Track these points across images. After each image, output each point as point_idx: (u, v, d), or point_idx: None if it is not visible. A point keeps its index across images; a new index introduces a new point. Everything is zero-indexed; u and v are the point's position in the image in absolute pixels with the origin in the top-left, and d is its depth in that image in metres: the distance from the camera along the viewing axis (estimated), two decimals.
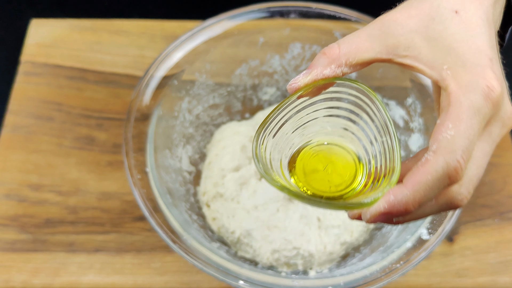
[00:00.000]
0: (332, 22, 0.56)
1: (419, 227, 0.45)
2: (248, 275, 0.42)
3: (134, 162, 0.47)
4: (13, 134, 0.63)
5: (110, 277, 0.54)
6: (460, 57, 0.31)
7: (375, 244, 0.50)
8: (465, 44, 0.31)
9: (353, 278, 0.42)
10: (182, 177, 0.56)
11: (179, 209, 0.49)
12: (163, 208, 0.46)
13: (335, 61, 0.33)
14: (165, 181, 0.50)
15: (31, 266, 0.54)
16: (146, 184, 0.47)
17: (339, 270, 0.46)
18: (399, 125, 0.58)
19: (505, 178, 0.61)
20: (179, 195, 0.53)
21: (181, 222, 0.46)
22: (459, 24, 0.31)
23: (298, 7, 0.55)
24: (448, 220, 0.44)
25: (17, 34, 0.73)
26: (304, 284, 0.42)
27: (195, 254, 0.43)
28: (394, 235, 0.48)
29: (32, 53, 0.69)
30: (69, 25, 0.71)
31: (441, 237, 0.43)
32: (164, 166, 0.52)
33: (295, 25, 0.56)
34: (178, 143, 0.57)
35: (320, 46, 0.59)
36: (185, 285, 0.54)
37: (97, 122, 0.64)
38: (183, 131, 0.57)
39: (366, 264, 0.45)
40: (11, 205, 0.58)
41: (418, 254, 0.43)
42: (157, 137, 0.51)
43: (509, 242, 0.57)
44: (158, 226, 0.44)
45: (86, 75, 0.67)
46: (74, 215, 0.57)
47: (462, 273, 0.55)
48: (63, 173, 0.60)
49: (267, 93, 0.63)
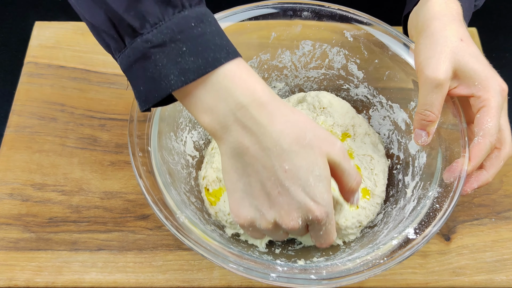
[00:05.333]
0: (343, 23, 0.57)
1: (407, 227, 0.46)
2: (236, 258, 0.43)
3: (138, 141, 0.48)
4: (16, 134, 0.63)
5: (113, 275, 0.55)
6: (481, 74, 0.47)
7: (366, 241, 0.50)
8: (479, 64, 0.47)
9: (336, 270, 0.43)
10: (185, 160, 0.56)
11: (178, 190, 0.50)
12: (161, 187, 0.46)
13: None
14: (167, 162, 0.51)
15: (34, 264, 0.55)
16: (146, 163, 0.47)
17: (326, 262, 0.47)
18: (401, 127, 0.59)
19: (502, 178, 0.62)
20: (180, 177, 0.53)
21: (178, 202, 0.47)
22: (468, 49, 0.47)
23: (311, 6, 0.56)
24: (437, 222, 0.45)
25: (21, 36, 0.74)
26: (288, 271, 0.43)
27: (186, 233, 0.44)
28: (384, 234, 0.49)
29: (35, 55, 0.69)
30: (72, 27, 0.72)
31: (428, 238, 0.44)
32: (168, 147, 0.53)
33: (307, 23, 0.57)
34: (184, 127, 0.57)
35: (330, 45, 0.60)
36: (186, 284, 0.54)
37: (100, 123, 0.65)
38: (190, 116, 0.58)
39: (352, 258, 0.46)
40: (14, 204, 0.59)
41: (402, 252, 0.44)
42: (163, 119, 0.51)
43: (506, 241, 0.58)
44: (153, 203, 0.45)
45: (89, 76, 0.68)
46: (77, 214, 0.58)
47: (459, 272, 0.56)
48: (66, 173, 0.61)
49: (276, 87, 0.64)
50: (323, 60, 0.61)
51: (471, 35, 0.72)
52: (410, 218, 0.47)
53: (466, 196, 0.61)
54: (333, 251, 0.52)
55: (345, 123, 0.59)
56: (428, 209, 0.47)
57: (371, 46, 0.58)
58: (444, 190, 0.47)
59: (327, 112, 0.59)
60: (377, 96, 0.61)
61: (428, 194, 0.48)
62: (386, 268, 0.43)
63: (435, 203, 0.47)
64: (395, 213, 0.52)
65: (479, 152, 0.47)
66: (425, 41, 0.48)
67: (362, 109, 0.63)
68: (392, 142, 0.60)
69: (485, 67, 0.47)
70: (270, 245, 0.54)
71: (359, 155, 0.58)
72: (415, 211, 0.48)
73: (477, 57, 0.48)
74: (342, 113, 0.59)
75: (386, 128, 0.61)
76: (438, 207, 0.46)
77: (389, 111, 0.60)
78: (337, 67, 0.62)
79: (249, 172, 0.39)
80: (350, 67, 0.61)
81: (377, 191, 0.55)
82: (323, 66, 0.62)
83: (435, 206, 0.47)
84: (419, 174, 0.53)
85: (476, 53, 0.48)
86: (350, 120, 0.59)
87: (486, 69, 0.47)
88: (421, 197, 0.49)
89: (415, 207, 0.49)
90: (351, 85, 0.62)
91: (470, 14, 0.55)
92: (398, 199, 0.54)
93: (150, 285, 0.54)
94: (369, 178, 0.56)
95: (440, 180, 0.48)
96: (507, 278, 0.55)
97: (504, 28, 0.96)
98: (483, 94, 0.47)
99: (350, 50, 0.59)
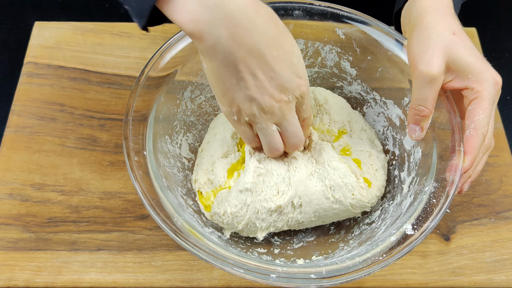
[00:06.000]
0: (335, 21, 0.57)
1: (404, 222, 0.46)
2: (236, 259, 0.43)
3: (133, 145, 0.48)
4: (16, 134, 0.63)
5: (112, 275, 0.55)
6: (475, 67, 0.47)
7: (364, 238, 0.50)
8: (472, 56, 0.47)
9: (336, 268, 0.44)
10: (180, 163, 0.56)
11: (175, 194, 0.50)
12: (157, 191, 0.46)
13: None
14: (163, 165, 0.51)
15: (33, 264, 0.55)
16: (142, 166, 0.48)
17: (325, 260, 0.47)
18: (395, 123, 0.59)
19: (501, 178, 0.62)
20: (176, 180, 0.53)
21: (175, 205, 0.47)
22: (461, 42, 0.47)
23: (302, 4, 0.56)
24: (434, 216, 0.45)
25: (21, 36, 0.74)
26: (288, 271, 0.43)
27: (184, 236, 0.44)
28: (382, 230, 0.49)
29: (35, 55, 0.69)
30: (71, 27, 0.72)
31: (426, 233, 0.44)
32: (163, 151, 0.53)
33: (298, 22, 0.57)
34: (179, 130, 0.57)
35: (322, 43, 0.60)
36: (186, 284, 0.55)
37: (99, 123, 0.65)
38: (185, 119, 0.58)
39: (351, 256, 0.46)
40: (14, 204, 0.59)
41: (401, 248, 0.44)
42: (158, 123, 0.52)
43: (505, 241, 0.58)
44: (150, 207, 0.45)
45: (89, 76, 0.68)
46: (76, 214, 0.58)
47: (458, 272, 0.56)
48: (65, 173, 0.61)
49: None
50: (315, 58, 0.61)
51: (471, 35, 0.72)
52: (408, 214, 0.48)
53: (466, 196, 0.61)
54: (332, 249, 0.52)
55: (341, 119, 0.59)
56: (425, 204, 0.47)
57: (363, 43, 0.58)
58: (441, 185, 0.47)
59: (323, 109, 0.59)
60: (371, 93, 0.61)
61: (424, 189, 0.48)
62: (385, 265, 0.43)
63: (432, 198, 0.47)
64: (392, 209, 0.52)
65: (473, 145, 0.47)
66: (417, 36, 0.48)
67: (356, 106, 0.63)
68: (387, 138, 0.60)
69: (478, 60, 0.48)
70: (269, 245, 0.54)
71: (357, 150, 0.58)
72: (412, 207, 0.48)
73: (470, 50, 0.48)
74: (339, 109, 0.60)
75: (381, 124, 0.61)
76: (435, 202, 0.46)
77: (383, 108, 0.60)
78: (330, 65, 0.62)
79: (241, 68, 0.41)
80: (343, 65, 0.61)
81: (378, 185, 0.55)
82: (316, 65, 0.62)
83: (432, 201, 0.47)
84: (415, 169, 0.53)
85: (469, 46, 0.48)
86: (347, 116, 0.60)
87: (479, 62, 0.47)
88: (418, 192, 0.49)
89: (412, 203, 0.49)
90: (345, 83, 0.62)
91: (459, 6, 0.55)
92: (395, 195, 0.54)
93: (150, 285, 0.54)
94: (369, 173, 0.56)
95: (436, 175, 0.48)
96: (507, 278, 0.55)
97: (504, 28, 0.96)
98: (476, 86, 0.47)
99: (343, 47, 0.59)
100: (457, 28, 0.48)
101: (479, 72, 0.47)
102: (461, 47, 0.47)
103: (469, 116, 0.47)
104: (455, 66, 0.47)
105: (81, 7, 0.80)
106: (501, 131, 0.66)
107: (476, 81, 0.47)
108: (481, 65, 0.47)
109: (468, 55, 0.47)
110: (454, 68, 0.48)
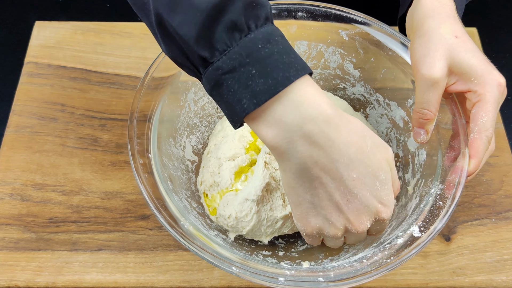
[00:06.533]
0: (338, 22, 0.57)
1: (411, 224, 0.46)
2: (242, 263, 0.43)
3: (137, 147, 0.48)
4: (16, 134, 0.63)
5: (113, 275, 0.55)
6: (478, 70, 0.47)
7: (369, 240, 0.50)
8: (475, 59, 0.47)
9: (344, 271, 0.43)
10: (184, 165, 0.56)
11: (179, 196, 0.50)
12: (163, 194, 0.46)
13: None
14: (167, 168, 0.51)
15: (34, 265, 0.55)
16: (147, 169, 0.47)
17: (331, 263, 0.47)
18: (399, 125, 0.59)
19: (502, 178, 0.62)
20: (180, 182, 0.53)
21: (180, 208, 0.47)
22: (463, 45, 0.47)
23: (306, 6, 0.56)
24: (441, 218, 0.45)
25: (21, 36, 0.74)
26: (296, 274, 0.43)
27: (191, 240, 0.44)
28: (388, 232, 0.49)
29: (35, 54, 0.69)
30: (72, 27, 0.72)
31: (433, 235, 0.44)
32: (167, 153, 0.53)
33: (302, 23, 0.57)
34: (183, 132, 0.57)
35: (325, 45, 0.60)
36: (186, 284, 0.55)
37: (100, 123, 0.65)
38: (188, 121, 0.58)
39: (357, 258, 0.46)
40: (14, 204, 0.59)
41: (409, 250, 0.44)
42: (162, 124, 0.52)
43: (506, 241, 0.58)
44: (157, 210, 0.45)
45: (89, 76, 0.68)
46: (77, 215, 0.58)
47: (459, 272, 0.56)
48: (66, 173, 0.61)
49: None
50: (318, 60, 0.61)
51: (471, 35, 0.72)
52: (414, 216, 0.47)
53: (467, 196, 0.61)
54: (337, 251, 0.52)
55: None
56: (431, 206, 0.47)
57: (366, 45, 0.58)
58: (446, 187, 0.47)
59: None
60: (374, 95, 0.61)
61: (430, 192, 0.48)
62: (393, 267, 0.43)
63: (438, 200, 0.47)
64: (397, 211, 0.52)
65: (478, 148, 0.47)
66: (420, 40, 0.49)
67: (359, 107, 0.63)
68: (390, 140, 0.60)
69: (481, 62, 0.47)
70: (273, 247, 0.54)
71: None
72: (418, 209, 0.48)
73: (473, 52, 0.47)
74: None
75: (384, 126, 0.61)
76: (442, 204, 0.46)
77: (386, 109, 0.60)
78: (333, 67, 0.62)
79: (316, 185, 0.40)
80: (346, 66, 0.61)
81: None
82: (319, 66, 0.62)
83: (439, 203, 0.47)
84: (419, 171, 0.53)
85: (472, 49, 0.48)
86: None
87: (482, 64, 0.47)
88: (423, 194, 0.49)
89: (418, 205, 0.49)
90: (348, 84, 0.62)
91: (463, 7, 0.55)
92: (400, 196, 0.54)
93: (151, 285, 0.54)
94: None
95: (442, 177, 0.48)
96: (507, 279, 0.56)
97: (504, 28, 0.96)
98: (479, 89, 0.47)
99: (346, 49, 0.59)
100: (459, 30, 0.48)
101: (482, 74, 0.47)
102: (464, 50, 0.47)
103: (473, 119, 0.47)
104: (458, 69, 0.47)
105: (82, 7, 0.80)
106: (501, 131, 0.66)
107: (479, 84, 0.47)
108: (484, 67, 0.47)
109: (471, 58, 0.47)
110: (457, 71, 0.47)
